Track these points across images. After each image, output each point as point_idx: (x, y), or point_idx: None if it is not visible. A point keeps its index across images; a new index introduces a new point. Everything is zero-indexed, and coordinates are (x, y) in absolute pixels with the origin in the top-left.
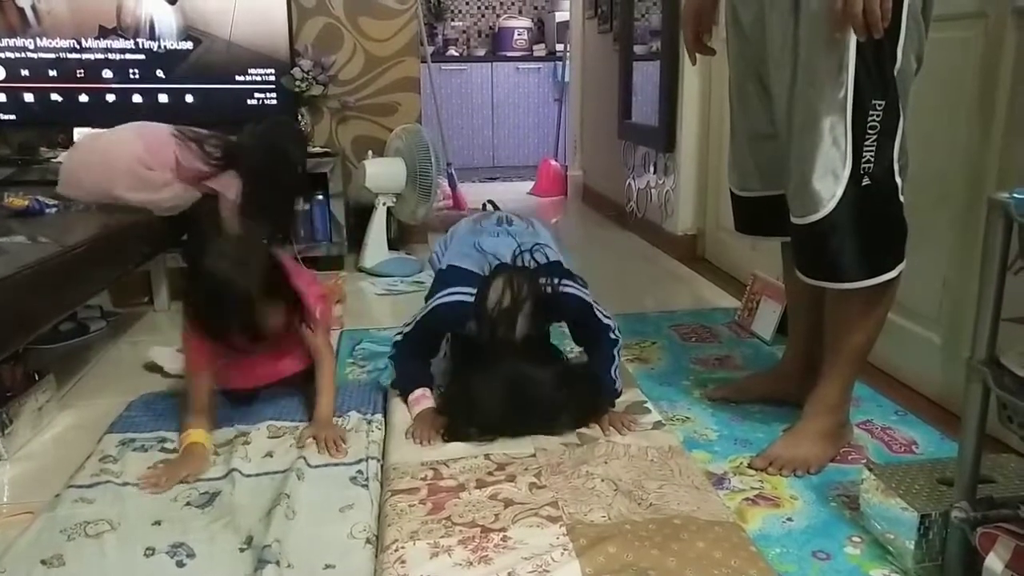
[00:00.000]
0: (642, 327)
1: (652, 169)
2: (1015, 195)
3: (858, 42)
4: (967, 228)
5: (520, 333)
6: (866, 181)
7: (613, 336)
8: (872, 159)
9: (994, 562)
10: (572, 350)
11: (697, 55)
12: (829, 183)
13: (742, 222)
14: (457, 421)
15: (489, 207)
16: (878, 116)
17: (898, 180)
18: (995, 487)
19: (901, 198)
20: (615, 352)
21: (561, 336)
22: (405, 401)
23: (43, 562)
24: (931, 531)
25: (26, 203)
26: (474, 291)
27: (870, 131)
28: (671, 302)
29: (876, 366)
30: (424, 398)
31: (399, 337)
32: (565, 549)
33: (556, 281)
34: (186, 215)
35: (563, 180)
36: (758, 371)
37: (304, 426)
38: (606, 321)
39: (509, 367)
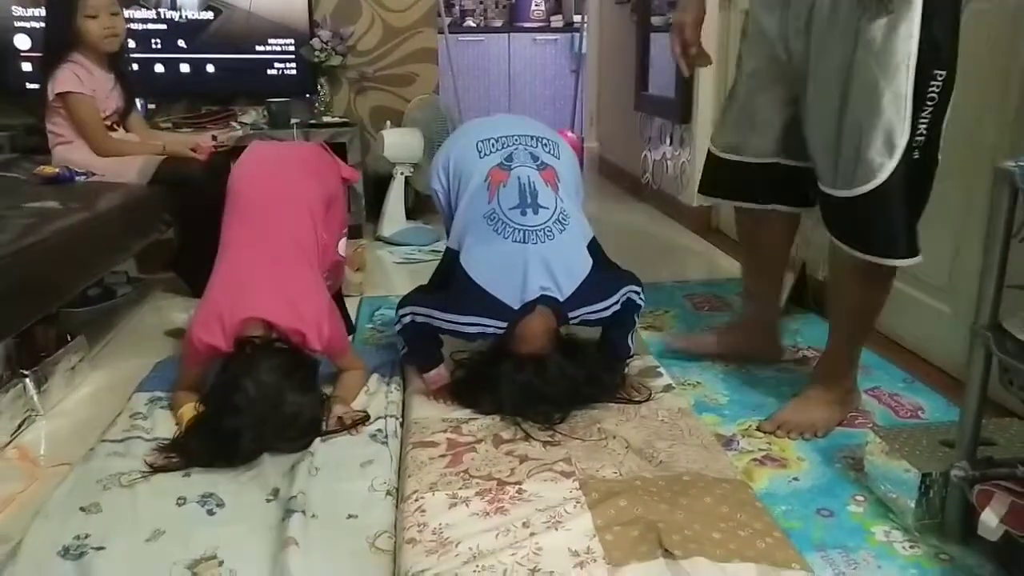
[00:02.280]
0: (657, 296)
1: (668, 141)
2: (1021, 164)
3: (924, 10)
4: (978, 200)
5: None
6: (916, 155)
7: (638, 302)
8: (925, 132)
9: (989, 517)
10: None
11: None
12: (884, 154)
13: (717, 184)
14: (473, 404)
15: None
16: (937, 88)
17: (939, 156)
18: (996, 449)
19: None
20: (636, 317)
21: None
22: (420, 376)
23: (81, 509)
24: (932, 490)
25: (56, 171)
26: (500, 324)
27: (928, 103)
28: (685, 272)
29: (885, 335)
30: (439, 376)
31: (408, 318)
32: (578, 502)
33: (575, 320)
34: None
35: (579, 152)
36: (717, 328)
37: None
38: (632, 298)
39: (528, 363)
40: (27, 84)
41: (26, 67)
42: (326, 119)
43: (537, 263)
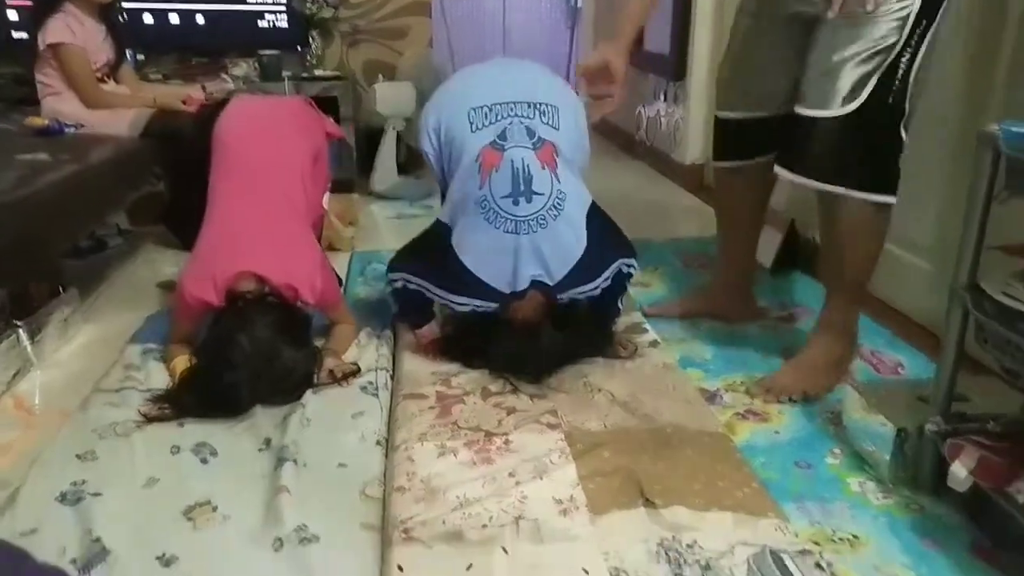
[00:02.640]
0: (647, 254)
1: (662, 97)
2: (1004, 127)
3: None
4: (964, 161)
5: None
6: (891, 98)
7: (630, 272)
8: (900, 76)
9: (958, 469)
10: None
11: None
12: (860, 83)
13: (730, 149)
14: (462, 361)
15: None
16: (921, 35)
17: (907, 107)
18: (970, 405)
19: (904, 129)
20: (627, 284)
21: None
22: (412, 331)
23: (78, 456)
24: (906, 444)
25: (46, 123)
26: (492, 305)
27: (905, 49)
28: (676, 230)
29: (870, 292)
30: (431, 332)
31: (400, 283)
32: (563, 453)
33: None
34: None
35: None
36: (692, 291)
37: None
38: (623, 270)
39: (520, 331)
40: (13, 33)
41: (12, 15)
42: (318, 72)
43: (528, 253)
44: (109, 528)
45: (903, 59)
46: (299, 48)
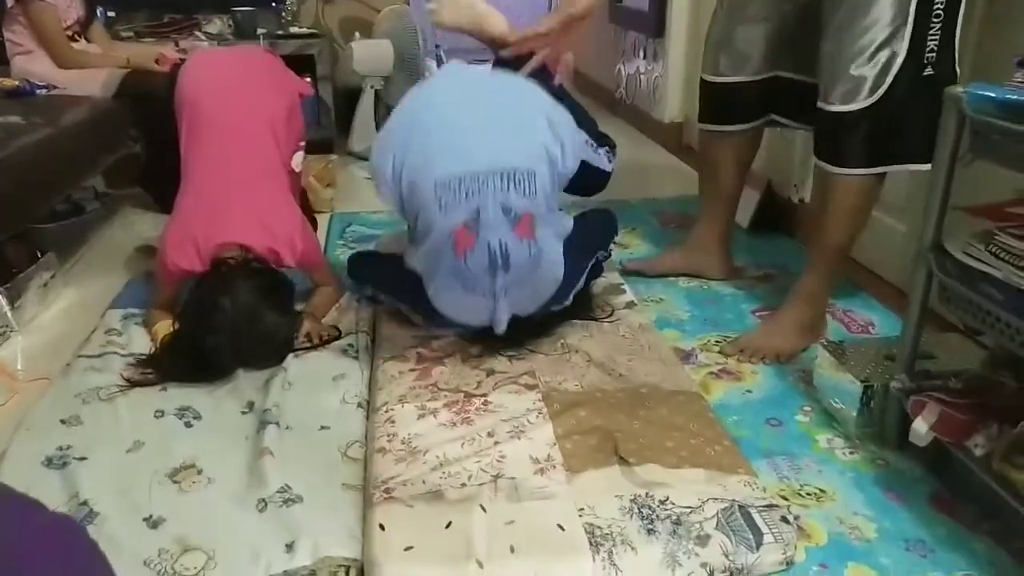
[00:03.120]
0: (625, 214)
1: (642, 55)
2: (969, 90)
3: None
4: None
5: None
6: (928, 71)
7: (606, 256)
8: (936, 47)
9: (920, 425)
10: None
11: None
12: (884, 70)
13: (716, 112)
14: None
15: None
16: (942, 3)
17: (958, 69)
18: (935, 362)
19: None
20: (602, 267)
21: None
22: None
23: (62, 421)
24: (873, 401)
25: (17, 84)
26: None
27: (934, 19)
28: (655, 190)
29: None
30: None
31: (370, 294)
32: (540, 413)
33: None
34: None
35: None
36: (669, 249)
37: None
38: (598, 259)
39: None
40: None
41: None
42: (293, 30)
43: (507, 304)
44: (96, 491)
45: (928, 30)
46: (274, 4)
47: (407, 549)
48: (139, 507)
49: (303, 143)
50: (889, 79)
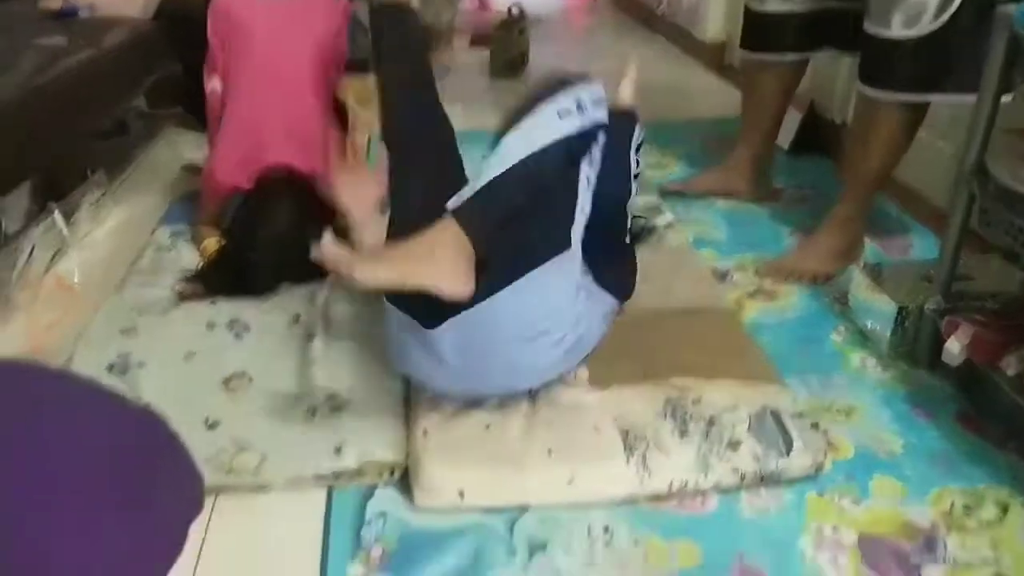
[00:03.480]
0: (665, 134)
1: None
2: (1021, 9)
3: None
4: None
5: None
6: None
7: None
8: None
9: (953, 344)
10: None
11: None
12: None
13: (765, 42)
14: None
15: (515, 10)
16: None
17: None
18: (972, 284)
19: None
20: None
21: None
22: None
23: (121, 332)
24: (907, 321)
25: (61, 6)
26: None
27: None
28: (696, 110)
29: None
30: None
31: None
32: None
33: None
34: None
35: None
36: (708, 168)
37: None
38: None
39: None
40: None
41: None
42: None
43: None
44: (156, 395)
45: None
46: None
47: (449, 452)
48: (197, 410)
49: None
50: (955, 4)
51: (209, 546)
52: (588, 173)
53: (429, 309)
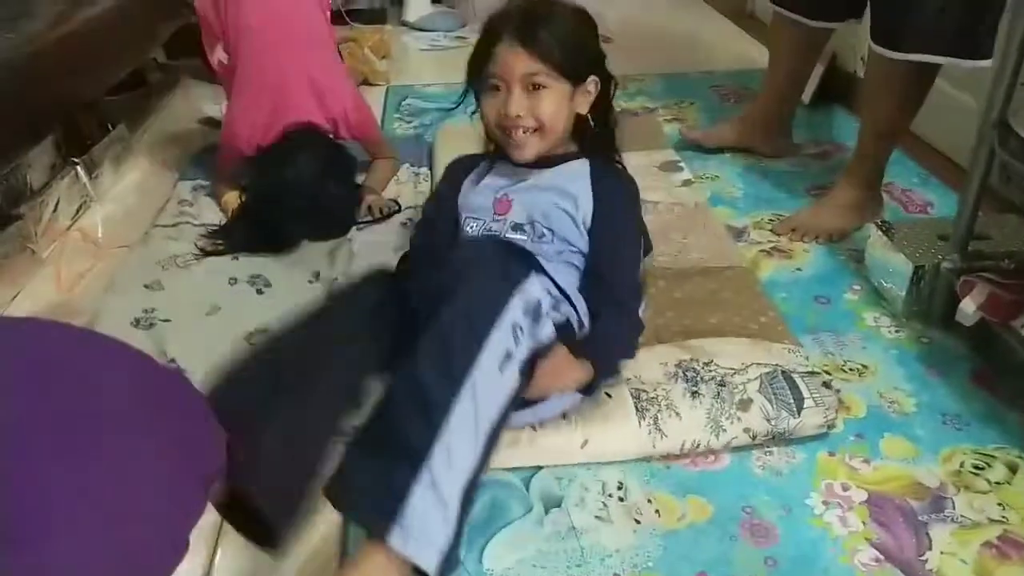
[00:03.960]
0: (682, 87)
1: None
2: None
3: None
4: None
5: None
6: None
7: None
8: None
9: (968, 304)
10: None
11: None
12: None
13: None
14: None
15: None
16: None
17: None
18: (990, 243)
19: None
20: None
21: None
22: None
23: (145, 286)
24: (923, 280)
25: None
26: None
27: None
28: (714, 62)
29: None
30: None
31: None
32: None
33: None
34: None
35: None
36: (729, 119)
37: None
38: None
39: None
40: None
41: None
42: None
43: None
44: (181, 350)
45: None
46: None
47: None
48: (220, 365)
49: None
50: None
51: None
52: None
53: None
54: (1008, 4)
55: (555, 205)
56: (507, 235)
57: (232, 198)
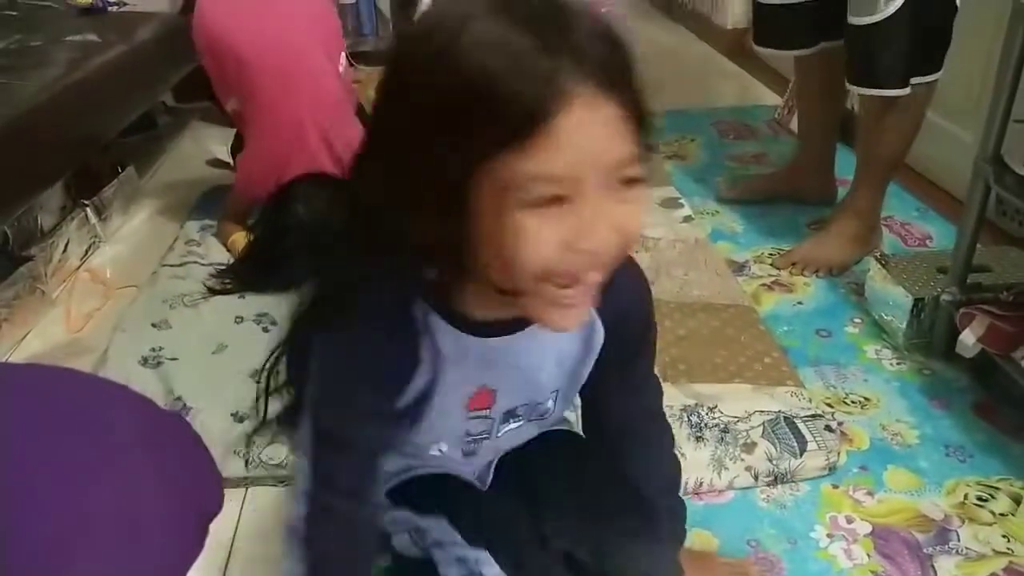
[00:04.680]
0: (683, 123)
1: None
2: None
3: None
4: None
5: None
6: None
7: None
8: None
9: (968, 336)
10: None
11: None
12: None
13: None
14: None
15: None
16: None
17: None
18: (989, 275)
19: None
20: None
21: None
22: None
23: (153, 325)
24: (923, 312)
25: (90, 1)
26: None
27: None
28: (714, 98)
29: (906, 162)
30: None
31: None
32: None
33: None
34: None
35: None
36: (773, 171)
37: None
38: None
39: None
40: None
41: None
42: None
43: None
44: (188, 388)
45: None
46: None
47: None
48: (227, 403)
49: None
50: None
51: (240, 539)
52: None
53: None
54: (1003, 44)
55: (560, 375)
56: (500, 434)
57: (239, 238)
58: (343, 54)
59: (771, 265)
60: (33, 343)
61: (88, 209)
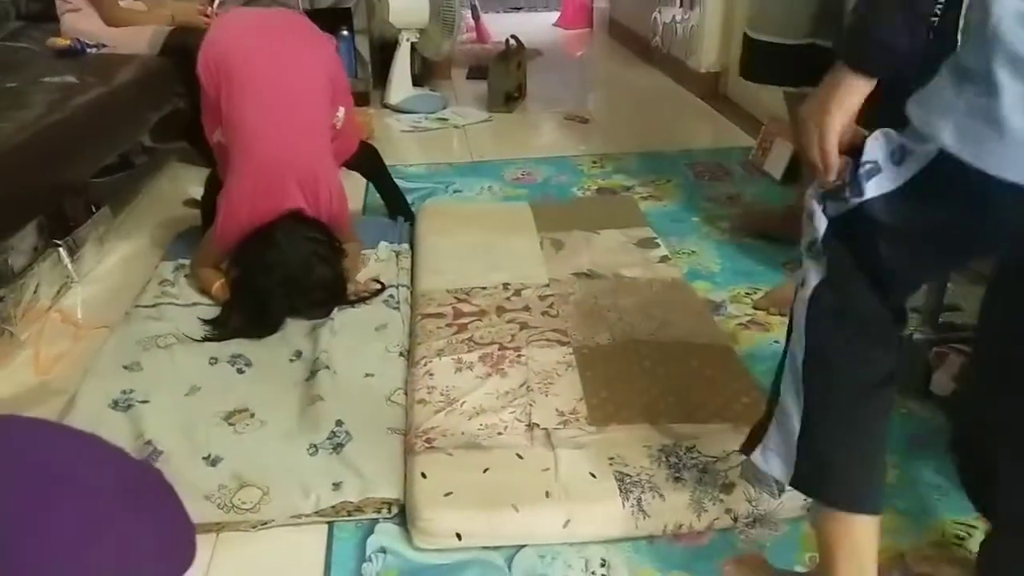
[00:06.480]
0: (659, 165)
1: (678, 2)
2: None
3: None
4: None
5: None
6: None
7: None
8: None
9: (940, 376)
10: None
11: None
12: None
13: (759, 68)
14: None
15: (512, 42)
16: None
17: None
18: (961, 314)
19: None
20: None
21: None
22: None
23: (124, 367)
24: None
25: (69, 43)
26: None
27: None
28: (690, 140)
29: None
30: None
31: None
32: (570, 366)
33: None
34: None
35: (588, 12)
36: (772, 207)
37: None
38: None
39: None
40: None
41: None
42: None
43: None
44: (159, 431)
45: None
46: None
47: (447, 495)
48: (199, 446)
49: (347, 100)
50: None
51: None
52: None
53: None
54: None
55: None
56: None
57: (218, 287)
58: (342, 108)
59: (749, 305)
60: (1, 387)
61: (61, 249)
